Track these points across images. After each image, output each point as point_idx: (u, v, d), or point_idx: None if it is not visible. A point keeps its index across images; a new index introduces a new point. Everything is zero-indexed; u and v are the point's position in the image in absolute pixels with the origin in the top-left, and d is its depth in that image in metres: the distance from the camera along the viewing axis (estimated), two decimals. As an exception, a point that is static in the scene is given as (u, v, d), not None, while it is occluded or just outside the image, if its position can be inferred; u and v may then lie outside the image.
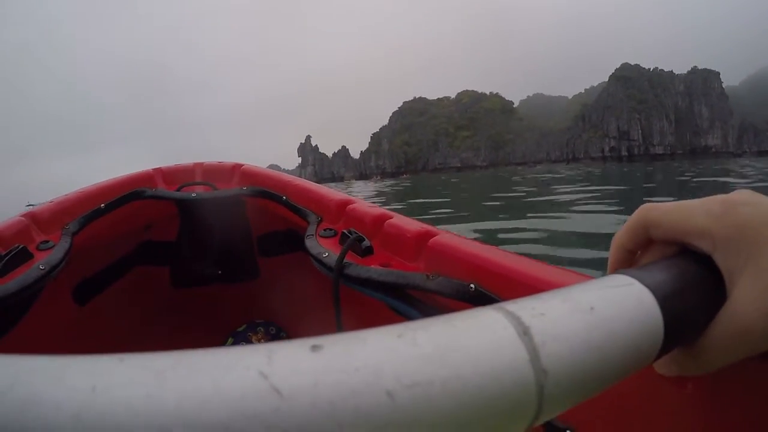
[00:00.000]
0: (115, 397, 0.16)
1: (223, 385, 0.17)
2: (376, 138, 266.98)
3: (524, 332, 0.23)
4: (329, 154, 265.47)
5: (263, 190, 1.45)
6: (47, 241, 1.13)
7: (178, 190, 1.51)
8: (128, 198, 1.43)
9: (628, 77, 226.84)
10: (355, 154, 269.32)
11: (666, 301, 0.30)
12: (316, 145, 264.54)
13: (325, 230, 1.16)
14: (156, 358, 0.17)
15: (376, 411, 0.18)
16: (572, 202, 11.88)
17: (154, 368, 0.17)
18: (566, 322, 0.25)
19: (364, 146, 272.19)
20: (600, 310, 0.27)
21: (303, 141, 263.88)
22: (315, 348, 0.19)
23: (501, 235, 6.98)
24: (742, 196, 0.34)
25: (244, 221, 1.68)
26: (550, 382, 0.23)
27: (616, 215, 8.58)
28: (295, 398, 0.17)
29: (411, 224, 0.97)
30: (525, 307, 0.25)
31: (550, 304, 0.26)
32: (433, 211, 11.89)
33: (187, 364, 0.17)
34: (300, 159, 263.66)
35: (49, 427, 0.15)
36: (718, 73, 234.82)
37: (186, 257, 1.72)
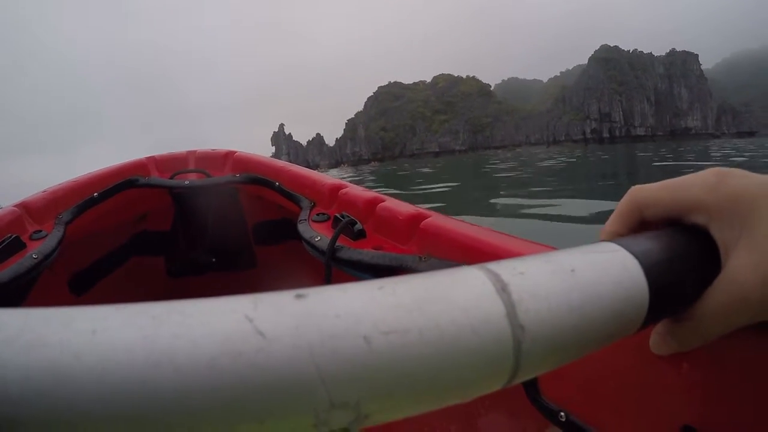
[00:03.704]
0: (113, 339, 0.17)
1: (211, 327, 0.18)
2: (351, 124, 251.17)
3: (503, 288, 0.23)
4: (303, 143, 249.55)
5: (256, 177, 1.42)
6: (40, 231, 1.10)
7: (171, 178, 1.48)
8: (121, 186, 1.39)
9: (608, 59, 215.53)
10: (330, 141, 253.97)
11: (652, 268, 0.29)
12: (290, 134, 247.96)
13: (317, 215, 1.14)
14: (153, 306, 0.18)
15: (353, 354, 0.19)
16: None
17: (150, 313, 0.18)
18: (545, 282, 0.25)
19: (340, 133, 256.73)
20: (581, 272, 0.26)
21: (276, 129, 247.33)
22: (299, 296, 0.20)
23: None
24: (736, 169, 0.34)
25: (239, 210, 1.65)
26: (528, 339, 0.23)
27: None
28: (277, 340, 0.18)
29: (403, 207, 0.96)
30: (506, 266, 0.25)
31: (530, 264, 0.26)
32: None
33: (181, 310, 0.18)
34: (274, 148, 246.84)
35: (53, 367, 0.16)
36: (697, 56, 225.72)
37: (180, 246, 1.70)
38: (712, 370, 0.39)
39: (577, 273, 0.26)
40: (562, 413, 0.53)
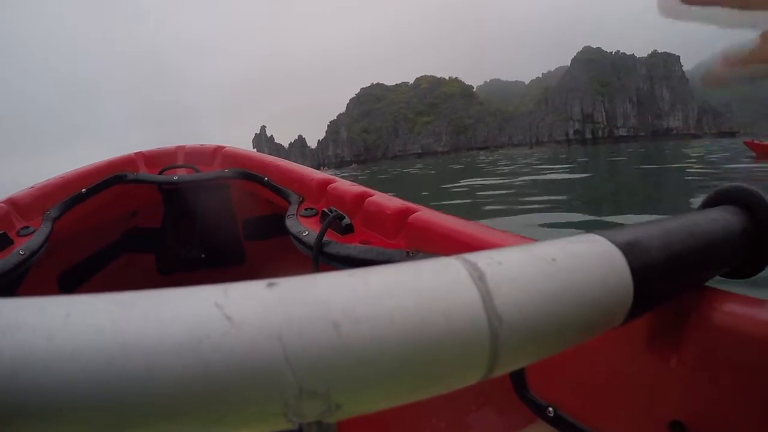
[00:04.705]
0: (85, 322, 0.16)
1: (180, 313, 0.18)
2: (333, 126, 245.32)
3: (479, 278, 0.23)
4: (285, 145, 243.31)
5: (245, 172, 1.40)
6: (27, 227, 1.09)
7: (160, 173, 1.45)
8: (110, 182, 1.37)
9: (590, 60, 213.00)
10: (313, 143, 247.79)
11: (637, 259, 0.29)
12: (272, 136, 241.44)
13: (306, 210, 1.12)
14: (126, 294, 0.18)
15: (321, 340, 0.18)
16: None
17: (122, 300, 0.18)
18: (523, 271, 0.24)
19: (322, 135, 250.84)
20: (561, 262, 0.26)
21: (258, 131, 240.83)
22: (271, 285, 0.20)
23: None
24: None
25: (228, 205, 1.64)
26: (506, 328, 0.22)
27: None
28: (243, 324, 0.18)
29: (391, 201, 0.94)
30: (483, 256, 0.24)
31: (509, 254, 0.25)
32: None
33: (153, 296, 0.18)
34: (255, 150, 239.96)
35: (26, 348, 0.16)
36: (678, 57, 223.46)
37: (170, 243, 1.68)
38: (700, 365, 0.39)
39: (558, 263, 0.25)
40: (550, 408, 0.53)
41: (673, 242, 0.32)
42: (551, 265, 0.25)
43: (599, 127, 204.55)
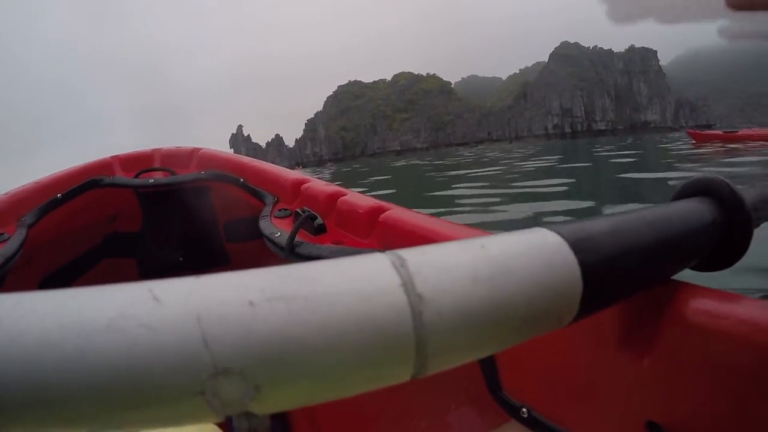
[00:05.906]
0: (30, 310, 0.17)
1: (116, 297, 0.19)
2: (311, 124, 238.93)
3: (401, 264, 0.23)
4: (263, 144, 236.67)
5: (221, 174, 1.38)
6: (2, 234, 1.07)
7: (136, 176, 1.42)
8: (85, 187, 1.35)
9: (568, 55, 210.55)
10: (290, 142, 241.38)
11: (585, 250, 0.28)
12: (248, 135, 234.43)
13: (280, 210, 1.12)
14: (78, 288, 0.19)
15: (238, 319, 0.19)
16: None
17: (71, 292, 0.18)
18: (448, 256, 0.24)
19: (299, 134, 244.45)
20: (491, 247, 0.25)
21: (234, 131, 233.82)
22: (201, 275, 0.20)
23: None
24: None
25: (209, 208, 1.60)
26: (429, 309, 0.22)
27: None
28: (168, 304, 0.19)
29: (363, 201, 0.93)
30: (410, 249, 0.24)
31: (438, 246, 0.25)
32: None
33: (99, 288, 0.19)
34: (232, 150, 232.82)
35: None
36: (656, 52, 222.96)
37: (150, 246, 1.64)
38: (673, 363, 0.38)
39: (487, 248, 0.25)
40: (524, 409, 0.52)
41: (631, 235, 0.31)
42: (479, 250, 0.25)
43: (578, 122, 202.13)
